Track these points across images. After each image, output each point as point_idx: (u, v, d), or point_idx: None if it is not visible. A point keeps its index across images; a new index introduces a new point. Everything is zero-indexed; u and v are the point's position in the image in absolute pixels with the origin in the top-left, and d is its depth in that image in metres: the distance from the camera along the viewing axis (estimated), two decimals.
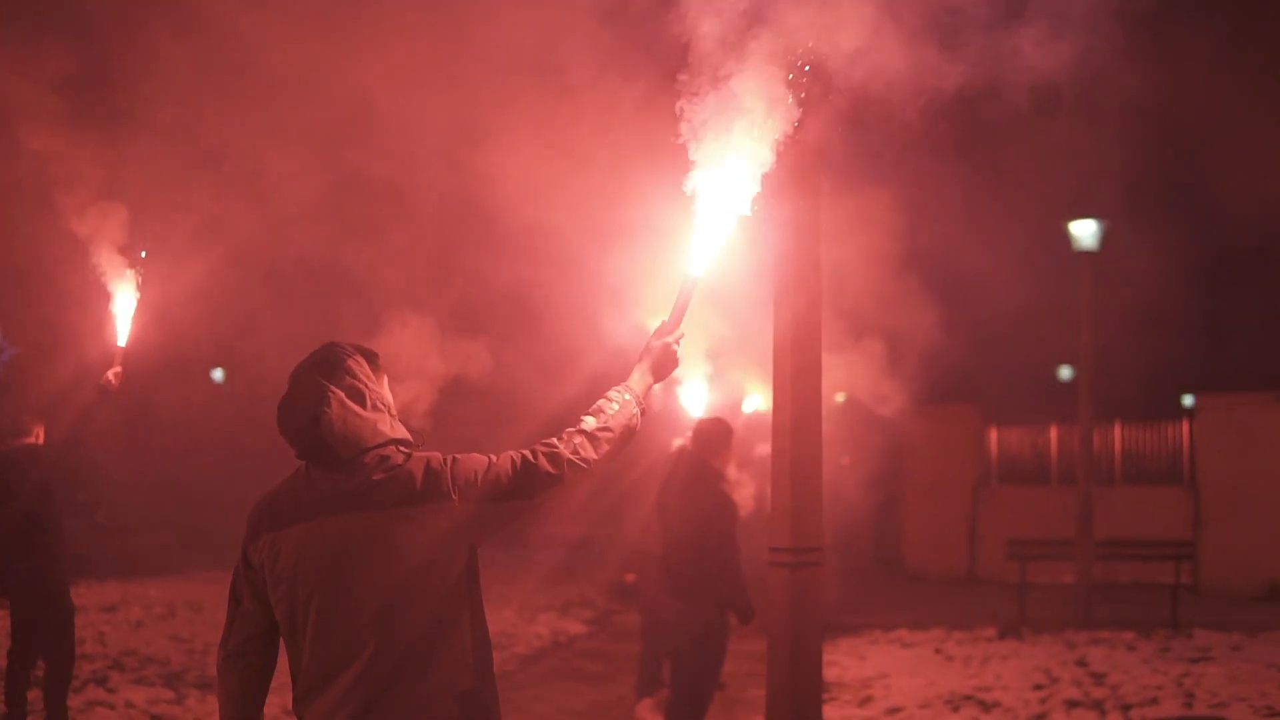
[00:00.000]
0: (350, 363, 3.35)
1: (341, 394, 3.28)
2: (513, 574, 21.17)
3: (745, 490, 9.06)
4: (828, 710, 10.79)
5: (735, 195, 3.43)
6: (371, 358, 3.41)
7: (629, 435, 3.44)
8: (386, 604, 3.13)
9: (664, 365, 3.62)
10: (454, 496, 3.22)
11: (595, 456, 3.37)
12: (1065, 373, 29.23)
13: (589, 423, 3.45)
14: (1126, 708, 10.72)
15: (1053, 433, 22.52)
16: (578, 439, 3.37)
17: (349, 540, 3.19)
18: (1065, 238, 17.10)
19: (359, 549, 3.18)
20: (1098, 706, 10.75)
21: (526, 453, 3.34)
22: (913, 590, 20.11)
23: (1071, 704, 10.85)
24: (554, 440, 3.40)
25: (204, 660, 11.77)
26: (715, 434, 7.68)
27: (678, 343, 3.67)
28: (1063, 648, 14.18)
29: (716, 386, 12.16)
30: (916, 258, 12.38)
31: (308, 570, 3.20)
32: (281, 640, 3.33)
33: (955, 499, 21.68)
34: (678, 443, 9.77)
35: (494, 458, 3.37)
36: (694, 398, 11.30)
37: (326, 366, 3.35)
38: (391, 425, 3.36)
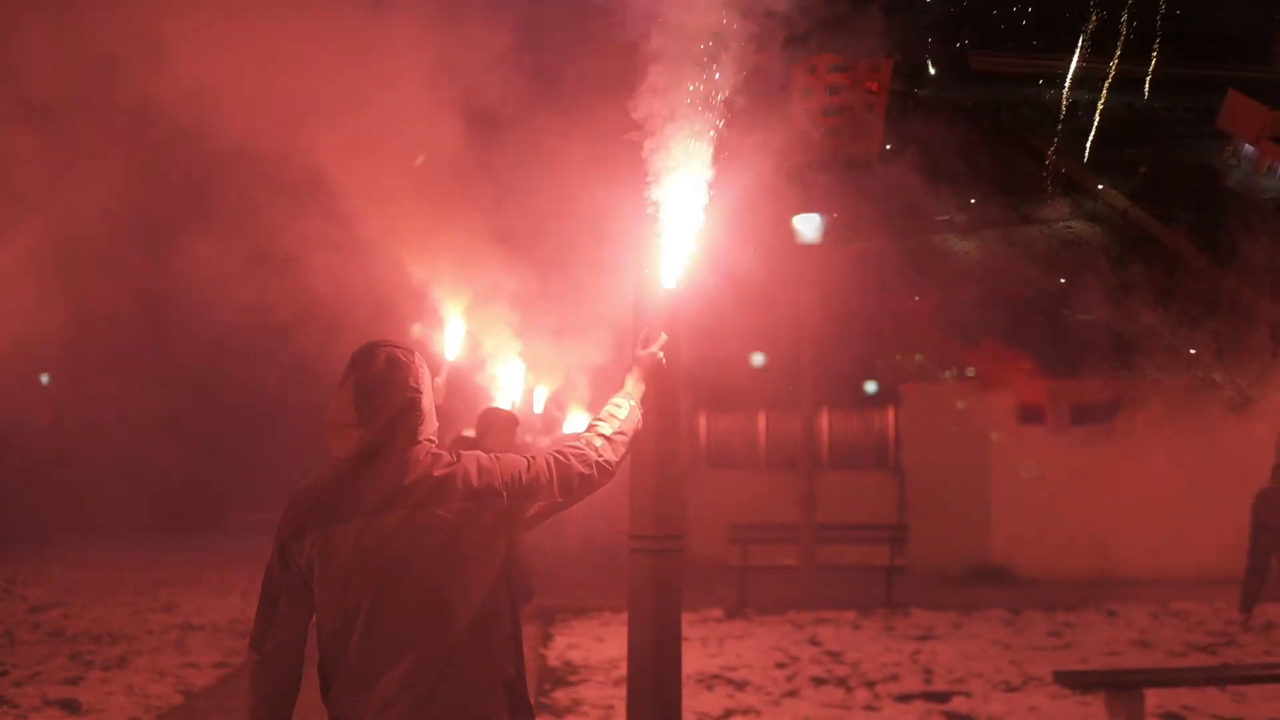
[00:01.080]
0: (417, 360, 3.46)
1: (423, 391, 3.39)
2: (223, 560, 21.49)
3: None
4: (583, 691, 10.35)
5: (697, 209, 4.07)
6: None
7: (635, 438, 3.85)
8: (442, 597, 3.16)
9: (653, 373, 4.06)
10: (504, 495, 3.36)
11: (615, 459, 3.70)
12: (763, 359, 30.91)
13: (605, 428, 3.76)
14: (871, 684, 11.00)
15: (761, 419, 23.26)
16: (599, 442, 3.67)
17: (409, 535, 3.19)
18: (786, 230, 17.32)
19: (419, 544, 3.19)
20: (843, 684, 11.00)
21: (559, 454, 3.56)
22: None
23: (818, 681, 11.11)
24: (578, 443, 3.65)
25: None
26: (498, 423, 8.28)
27: (661, 350, 4.11)
28: (790, 628, 14.54)
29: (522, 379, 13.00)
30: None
31: (366, 566, 3.17)
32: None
33: None
34: (468, 433, 10.47)
35: (533, 458, 3.54)
36: (505, 389, 12.04)
37: (402, 363, 3.39)
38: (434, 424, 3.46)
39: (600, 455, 3.62)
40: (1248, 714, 10.01)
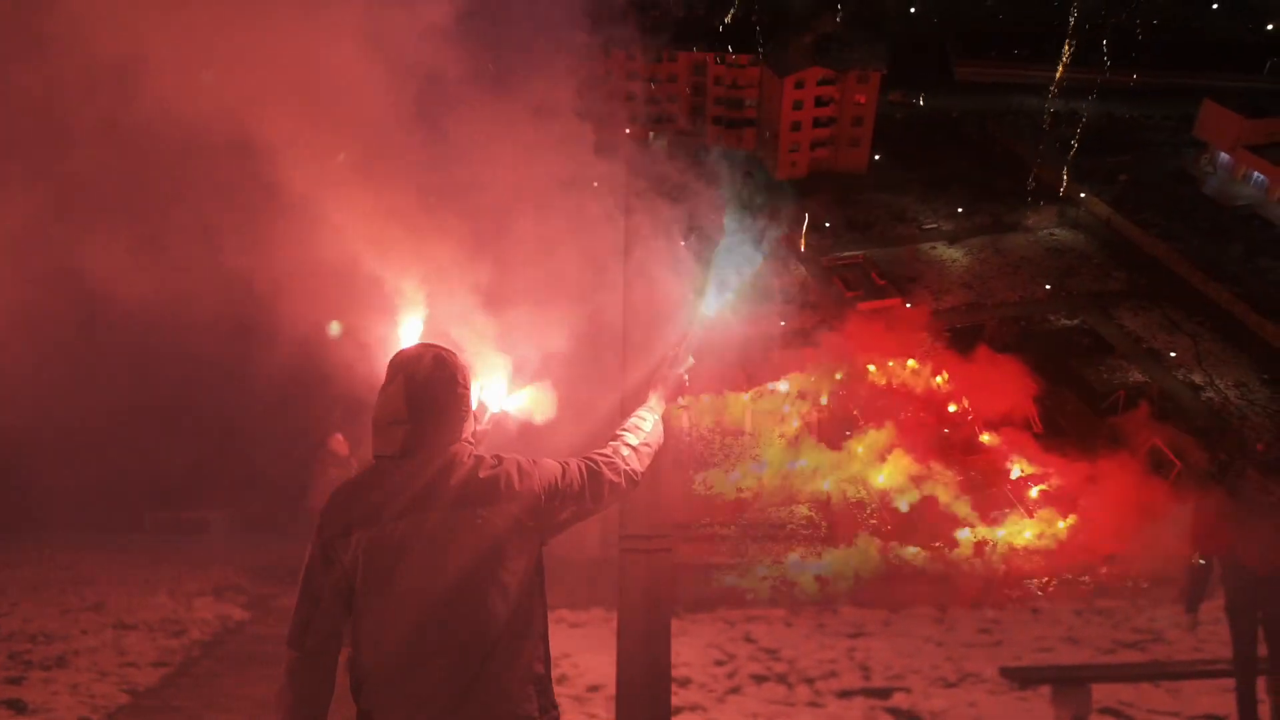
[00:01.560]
0: (462, 361, 3.47)
1: (467, 392, 3.43)
2: (145, 558, 20.94)
3: None
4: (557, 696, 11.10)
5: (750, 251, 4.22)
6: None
7: (657, 451, 3.88)
8: (482, 597, 3.24)
9: (676, 392, 4.05)
10: (542, 498, 3.45)
11: (641, 469, 3.73)
12: None
13: (631, 439, 3.75)
14: (810, 681, 11.18)
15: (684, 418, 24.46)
16: (626, 451, 3.70)
17: (453, 536, 3.26)
18: None
19: (462, 545, 3.26)
20: (783, 680, 11.17)
21: (590, 462, 3.62)
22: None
23: (759, 679, 11.24)
24: (608, 452, 3.68)
25: None
26: None
27: (687, 373, 4.16)
28: (723, 625, 14.79)
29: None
30: None
31: (410, 565, 3.22)
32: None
33: None
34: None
35: (567, 464, 3.58)
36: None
37: (449, 362, 3.44)
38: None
39: (628, 464, 3.69)
40: (1183, 708, 10.38)
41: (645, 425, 3.91)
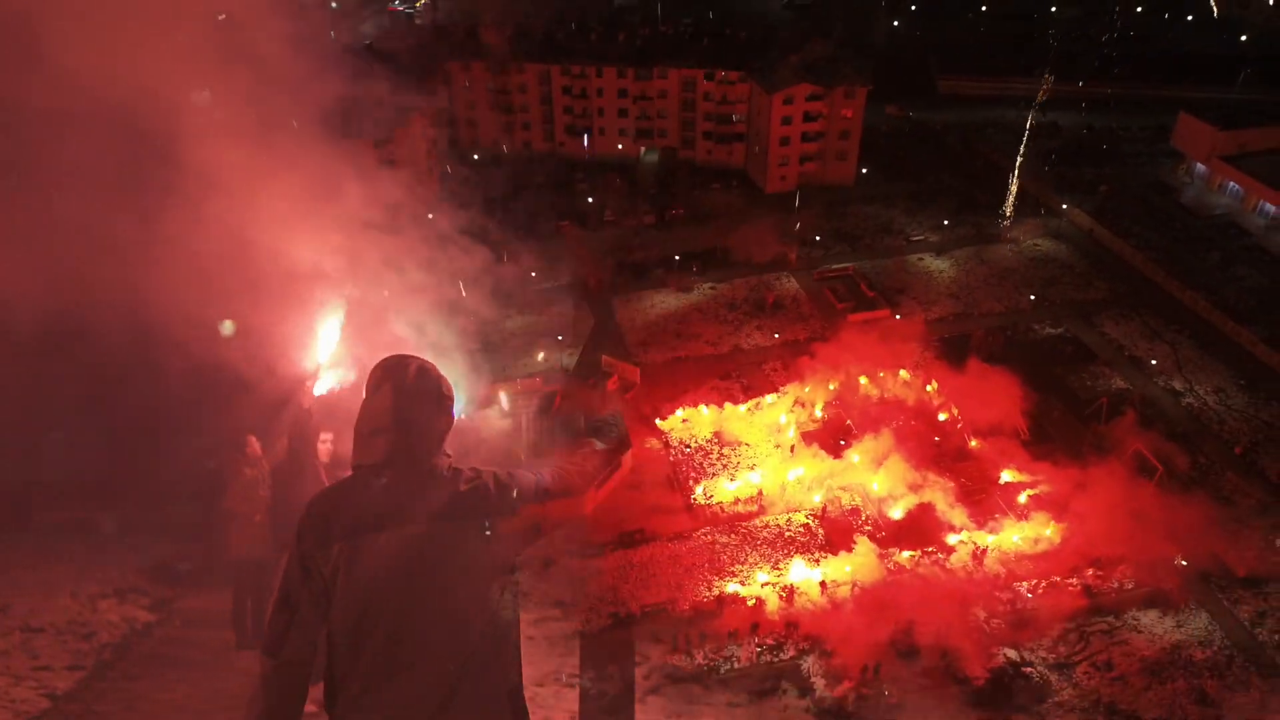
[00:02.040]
0: (443, 375, 3.42)
1: (450, 404, 3.36)
2: (38, 559, 20.24)
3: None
4: None
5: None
6: None
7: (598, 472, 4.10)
8: (461, 609, 3.19)
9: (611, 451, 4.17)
10: (520, 509, 3.47)
11: (593, 484, 3.76)
12: None
13: (589, 454, 3.88)
14: None
15: None
16: (589, 466, 3.85)
17: (434, 548, 3.18)
18: None
19: (443, 557, 3.19)
20: None
21: (563, 473, 3.74)
22: None
23: None
24: (575, 464, 3.79)
25: None
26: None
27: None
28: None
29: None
30: None
31: (391, 576, 3.12)
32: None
33: None
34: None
35: (540, 474, 3.62)
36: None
37: (432, 374, 3.40)
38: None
39: (583, 469, 3.76)
40: None
41: (597, 446, 4.02)
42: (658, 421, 55.12)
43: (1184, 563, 44.75)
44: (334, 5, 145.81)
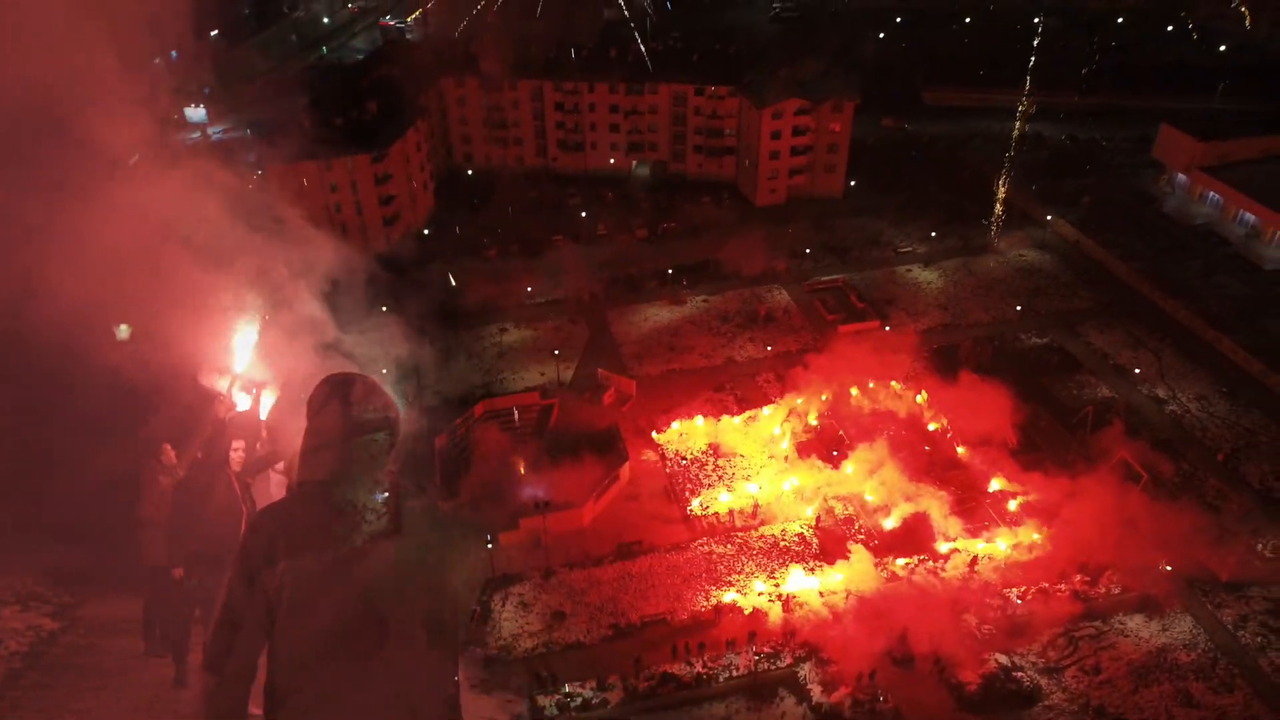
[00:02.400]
0: (389, 392, 4.32)
1: (397, 421, 4.18)
2: None
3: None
4: None
5: None
6: None
7: None
8: (408, 622, 4.21)
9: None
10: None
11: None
12: None
13: None
14: None
15: None
16: None
17: (378, 563, 4.26)
18: None
19: (389, 572, 4.26)
20: None
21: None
22: None
23: None
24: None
25: None
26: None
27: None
28: None
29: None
30: None
31: (334, 593, 4.19)
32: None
33: None
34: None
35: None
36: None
37: (379, 389, 4.51)
38: None
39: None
40: None
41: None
42: (654, 434, 55.99)
43: (1169, 568, 45.91)
44: (325, 21, 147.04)
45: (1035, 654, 42.91)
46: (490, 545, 46.97)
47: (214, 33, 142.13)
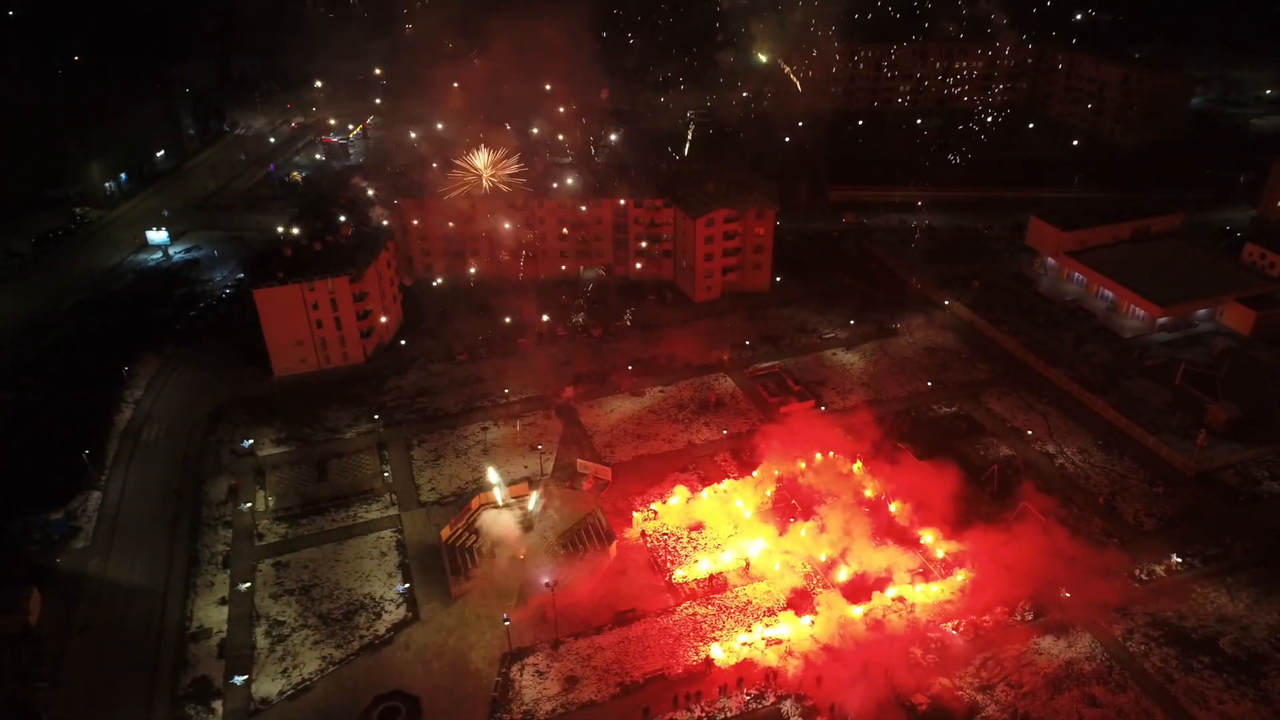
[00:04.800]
0: None
1: None
2: None
3: None
4: None
5: None
6: None
7: None
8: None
9: None
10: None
11: None
12: None
13: None
14: None
15: None
16: None
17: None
18: None
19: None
20: None
21: None
22: None
23: None
24: None
25: None
26: None
27: None
28: None
29: None
30: None
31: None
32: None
33: None
34: None
35: None
36: None
37: None
38: None
39: None
40: None
41: None
42: (634, 513, 63.96)
43: (1068, 595, 56.13)
44: (272, 140, 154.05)
45: (970, 675, 51.97)
46: (507, 623, 53.82)
47: (159, 153, 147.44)
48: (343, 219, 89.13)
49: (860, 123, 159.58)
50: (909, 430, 72.69)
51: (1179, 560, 59.73)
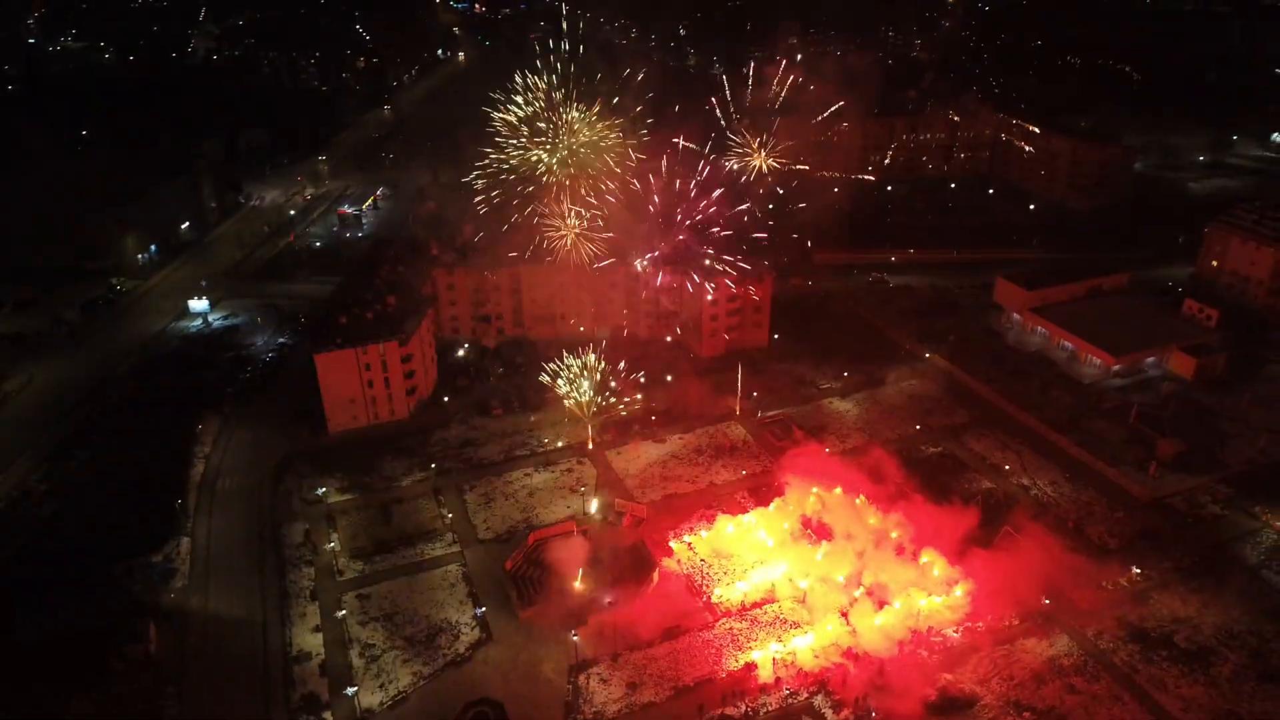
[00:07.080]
0: None
1: None
2: None
3: None
4: None
5: None
6: None
7: None
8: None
9: None
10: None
11: None
12: None
13: None
14: None
15: None
16: None
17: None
18: None
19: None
20: None
21: None
22: None
23: None
24: None
25: None
26: None
27: None
28: None
29: None
30: None
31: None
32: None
33: None
34: None
35: None
36: None
37: None
38: None
39: None
40: None
41: None
42: (671, 544, 72.99)
43: (1048, 602, 66.07)
44: (291, 213, 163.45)
45: (969, 670, 61.35)
46: (575, 638, 62.36)
47: (185, 225, 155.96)
48: (386, 290, 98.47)
49: (836, 190, 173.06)
50: (903, 467, 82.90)
51: (1139, 572, 70.10)
